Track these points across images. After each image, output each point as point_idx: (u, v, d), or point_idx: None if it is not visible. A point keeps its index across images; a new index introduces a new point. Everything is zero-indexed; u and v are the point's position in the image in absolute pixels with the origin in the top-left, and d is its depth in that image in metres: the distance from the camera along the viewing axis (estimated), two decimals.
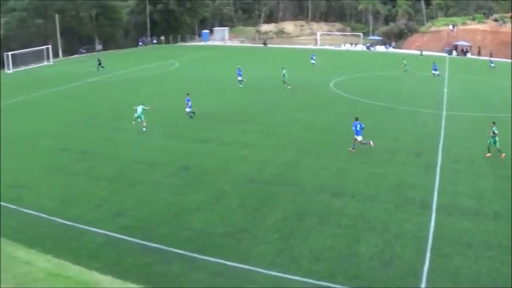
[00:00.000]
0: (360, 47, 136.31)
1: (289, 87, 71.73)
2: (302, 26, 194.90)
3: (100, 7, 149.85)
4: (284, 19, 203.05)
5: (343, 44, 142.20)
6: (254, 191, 33.69)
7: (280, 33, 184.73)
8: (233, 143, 44.89)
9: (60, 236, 28.27)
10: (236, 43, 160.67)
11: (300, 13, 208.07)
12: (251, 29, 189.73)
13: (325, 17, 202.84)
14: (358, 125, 42.25)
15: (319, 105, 59.36)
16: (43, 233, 28.64)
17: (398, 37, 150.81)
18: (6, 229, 29.35)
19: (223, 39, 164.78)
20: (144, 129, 49.57)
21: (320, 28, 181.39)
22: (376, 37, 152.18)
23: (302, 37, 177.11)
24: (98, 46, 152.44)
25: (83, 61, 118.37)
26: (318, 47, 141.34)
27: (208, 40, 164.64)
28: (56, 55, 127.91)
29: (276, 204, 31.57)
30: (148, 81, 79.85)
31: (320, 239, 26.68)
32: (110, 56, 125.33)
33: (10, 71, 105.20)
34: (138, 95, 64.19)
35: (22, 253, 26.45)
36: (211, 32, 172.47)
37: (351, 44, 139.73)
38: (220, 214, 30.34)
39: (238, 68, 76.43)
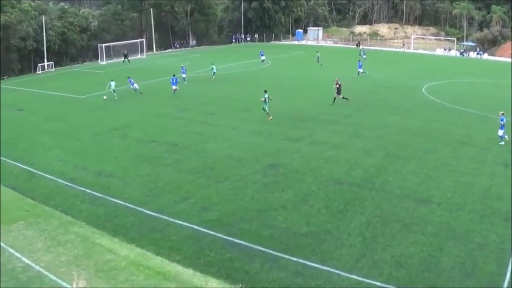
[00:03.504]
0: (454, 53, 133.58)
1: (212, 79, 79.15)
2: (396, 29, 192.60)
3: (195, 3, 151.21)
4: (378, 21, 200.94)
5: (446, 50, 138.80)
6: (340, 193, 33.29)
7: (374, 35, 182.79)
8: (322, 143, 44.48)
9: (144, 226, 28.78)
10: (329, 43, 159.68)
11: (394, 15, 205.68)
12: (345, 30, 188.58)
13: (419, 20, 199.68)
14: (175, 79, 66.06)
15: (410, 110, 58.25)
16: (128, 223, 29.19)
17: (492, 43, 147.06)
18: (93, 217, 30.07)
19: (316, 39, 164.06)
20: (105, 97, 64.01)
21: (414, 32, 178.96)
22: (470, 43, 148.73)
23: (395, 40, 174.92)
24: (192, 42, 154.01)
25: (176, 55, 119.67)
26: (411, 50, 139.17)
27: (302, 39, 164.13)
28: (149, 48, 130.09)
29: (361, 207, 31.14)
30: (240, 77, 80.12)
31: (403, 246, 26.21)
32: (203, 52, 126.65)
33: (104, 63, 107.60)
34: (229, 91, 64.53)
35: (105, 240, 26.97)
36: (305, 31, 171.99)
37: (445, 49, 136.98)
38: (305, 214, 30.15)
39: (182, 67, 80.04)
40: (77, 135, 48.54)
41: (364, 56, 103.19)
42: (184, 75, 77.50)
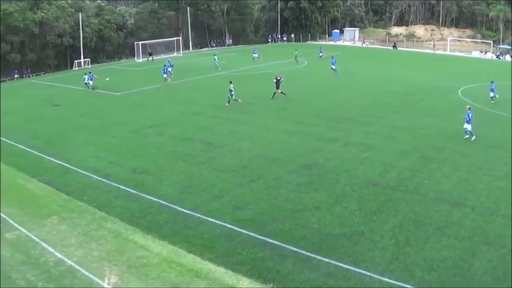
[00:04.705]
0: (490, 55, 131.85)
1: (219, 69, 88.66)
2: (432, 30, 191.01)
3: (231, 2, 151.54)
4: (415, 22, 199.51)
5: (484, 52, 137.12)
6: (374, 195, 33.05)
7: (410, 36, 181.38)
8: (357, 145, 44.16)
9: (177, 223, 28.92)
10: (365, 44, 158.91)
11: (431, 17, 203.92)
12: (381, 31, 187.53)
13: (456, 22, 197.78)
14: (165, 69, 71.63)
15: (445, 112, 57.56)
16: (161, 220, 29.36)
17: None
18: (126, 213, 30.30)
19: (352, 40, 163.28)
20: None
21: (450, 34, 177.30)
22: (506, 46, 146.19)
23: (431, 42, 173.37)
24: (228, 41, 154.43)
25: (213, 54, 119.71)
26: (447, 52, 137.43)
27: (339, 40, 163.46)
28: (186, 47, 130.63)
29: (395, 209, 30.85)
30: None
31: (435, 249, 25.90)
32: (239, 51, 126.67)
33: (140, 60, 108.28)
34: (265, 90, 64.49)
35: (138, 237, 27.18)
36: (342, 32, 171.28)
37: (481, 52, 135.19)
38: (338, 215, 29.97)
39: (169, 61, 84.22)
40: (112, 131, 48.97)
41: (321, 54, 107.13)
42: (169, 68, 79.69)
